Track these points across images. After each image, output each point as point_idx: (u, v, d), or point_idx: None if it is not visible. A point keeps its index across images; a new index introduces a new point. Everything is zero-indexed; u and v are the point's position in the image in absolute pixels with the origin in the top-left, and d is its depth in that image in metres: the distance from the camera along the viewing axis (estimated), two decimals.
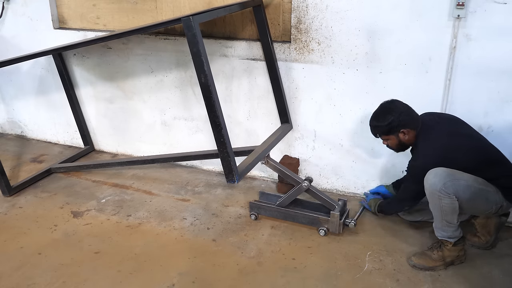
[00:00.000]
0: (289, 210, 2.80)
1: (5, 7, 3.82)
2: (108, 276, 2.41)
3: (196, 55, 2.24)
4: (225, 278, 2.38)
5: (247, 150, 2.96)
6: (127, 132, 3.80)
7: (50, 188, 3.33)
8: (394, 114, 2.43)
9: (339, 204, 2.73)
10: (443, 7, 2.57)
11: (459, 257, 2.44)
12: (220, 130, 2.34)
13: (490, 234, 2.56)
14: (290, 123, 3.12)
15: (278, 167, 2.83)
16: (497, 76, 2.59)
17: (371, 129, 2.54)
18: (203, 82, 2.27)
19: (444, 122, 2.50)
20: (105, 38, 2.84)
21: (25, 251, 2.61)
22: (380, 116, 2.48)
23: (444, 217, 2.34)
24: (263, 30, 2.95)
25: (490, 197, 2.36)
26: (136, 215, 2.96)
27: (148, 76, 3.52)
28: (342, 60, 2.90)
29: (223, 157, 2.38)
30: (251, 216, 2.89)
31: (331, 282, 2.34)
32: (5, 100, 4.21)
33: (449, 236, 2.39)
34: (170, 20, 2.49)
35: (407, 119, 2.44)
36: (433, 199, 2.33)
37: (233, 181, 2.41)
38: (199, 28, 2.22)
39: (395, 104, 2.48)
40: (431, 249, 2.45)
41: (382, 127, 2.48)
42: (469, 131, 2.47)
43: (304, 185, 2.72)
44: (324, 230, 2.70)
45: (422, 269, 2.42)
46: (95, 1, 3.55)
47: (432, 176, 2.31)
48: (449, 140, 2.39)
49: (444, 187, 2.27)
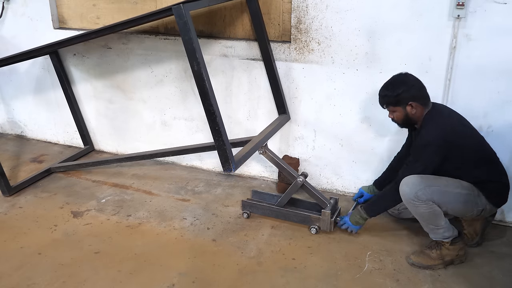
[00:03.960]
0: (281, 208, 2.82)
1: (5, 7, 3.82)
2: (108, 276, 2.40)
3: (188, 43, 2.24)
4: (225, 278, 2.38)
5: (245, 140, 2.97)
6: (127, 132, 3.80)
7: (50, 188, 3.33)
8: (405, 85, 2.38)
9: (330, 203, 2.74)
10: (443, 7, 2.58)
11: (459, 257, 2.44)
12: (214, 118, 2.33)
13: (476, 233, 2.57)
14: (287, 114, 3.12)
15: (275, 159, 2.83)
16: (497, 76, 2.59)
17: (380, 98, 2.48)
18: (196, 70, 2.28)
19: (454, 112, 2.49)
20: (99, 32, 2.79)
21: (25, 251, 2.61)
22: (390, 86, 2.42)
23: (429, 222, 2.37)
24: (256, 16, 2.94)
25: (470, 201, 2.37)
26: (136, 215, 2.96)
27: (148, 76, 3.52)
28: (342, 60, 2.90)
29: (218, 145, 2.37)
30: (243, 214, 2.90)
31: (331, 282, 2.34)
32: (5, 100, 4.21)
33: (443, 237, 2.40)
34: (162, 10, 2.43)
35: (418, 93, 2.39)
36: (411, 208, 2.36)
37: (229, 170, 2.39)
38: (190, 16, 2.23)
39: (408, 77, 2.42)
40: (429, 248, 2.46)
41: (391, 97, 2.41)
42: (474, 128, 2.48)
43: (299, 180, 2.73)
44: (316, 228, 2.71)
45: (420, 267, 2.42)
46: (95, 1, 3.55)
47: (405, 186, 2.33)
48: (458, 125, 2.39)
49: (415, 196, 2.29)
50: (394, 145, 2.90)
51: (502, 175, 2.43)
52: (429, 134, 2.35)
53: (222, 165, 2.41)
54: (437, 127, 2.35)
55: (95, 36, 2.85)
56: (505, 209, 2.79)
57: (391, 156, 2.92)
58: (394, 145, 2.90)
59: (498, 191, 2.41)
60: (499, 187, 2.42)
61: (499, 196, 2.43)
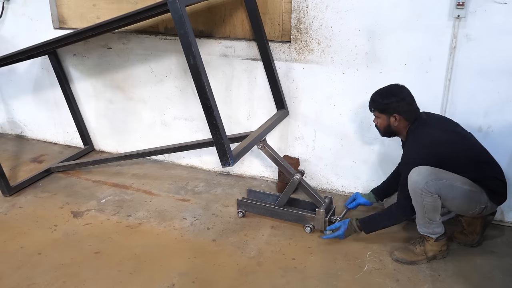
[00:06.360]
0: (276, 207, 2.82)
1: (5, 7, 3.82)
2: (108, 276, 2.40)
3: (183, 37, 2.24)
4: (225, 278, 2.38)
5: (243, 136, 2.97)
6: (127, 132, 3.80)
7: (50, 188, 3.33)
8: (396, 97, 2.44)
9: (325, 202, 2.74)
10: (443, 7, 2.58)
11: (441, 252, 2.47)
12: (211, 112, 2.32)
13: (477, 232, 2.57)
14: (286, 109, 3.12)
15: (273, 155, 2.82)
16: (497, 76, 2.59)
17: (370, 101, 2.54)
18: (192, 63, 2.27)
19: (438, 120, 2.51)
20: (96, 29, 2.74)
21: (25, 251, 2.61)
22: (384, 93, 2.49)
23: (426, 214, 2.37)
24: (254, 14, 2.94)
25: (474, 198, 2.38)
26: (136, 215, 2.96)
27: (148, 76, 3.52)
28: (342, 60, 2.90)
29: (216, 139, 2.36)
30: (239, 213, 2.91)
31: (331, 282, 2.34)
32: (5, 100, 4.21)
33: (431, 232, 2.41)
34: (157, 5, 2.41)
35: (406, 108, 2.44)
36: (415, 197, 2.35)
37: (227, 164, 2.38)
38: (185, 10, 2.23)
39: (402, 90, 2.48)
40: (413, 244, 2.49)
41: (380, 104, 2.48)
42: (462, 131, 2.48)
43: (296, 178, 2.73)
44: (310, 227, 2.71)
45: (404, 263, 2.45)
46: (95, 1, 3.55)
47: (415, 174, 2.32)
48: (441, 135, 2.39)
49: (426, 185, 2.28)
50: (394, 146, 2.90)
51: (497, 173, 2.43)
52: (410, 152, 2.45)
53: (220, 159, 2.39)
54: (418, 144, 2.40)
55: (92, 33, 2.81)
56: (505, 209, 2.79)
57: (391, 156, 2.92)
58: (394, 145, 2.90)
59: (497, 188, 2.42)
60: (497, 184, 2.42)
61: (499, 193, 2.43)
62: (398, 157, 2.84)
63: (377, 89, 2.52)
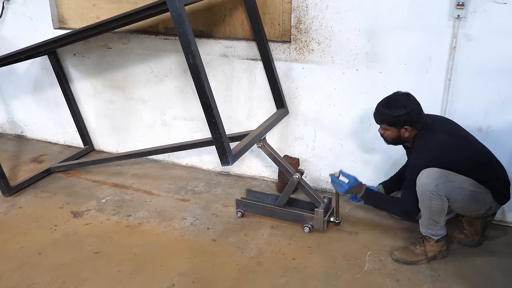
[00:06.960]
0: (274, 207, 2.82)
1: (5, 7, 3.82)
2: (108, 276, 2.40)
3: (182, 35, 2.24)
4: (225, 278, 2.38)
5: (243, 135, 2.97)
6: (127, 132, 3.80)
7: (50, 188, 3.33)
8: (407, 108, 2.35)
9: (324, 201, 2.74)
10: (443, 7, 2.58)
11: (441, 252, 2.47)
12: (211, 110, 2.32)
13: (477, 232, 2.57)
14: (286, 108, 3.11)
15: (272, 154, 2.82)
16: (497, 76, 2.59)
17: (377, 114, 2.44)
18: (191, 62, 2.27)
19: (442, 123, 2.50)
20: (94, 29, 2.74)
21: (25, 251, 2.61)
22: (392, 106, 2.38)
23: (432, 216, 2.36)
24: (253, 14, 2.94)
25: (480, 199, 2.38)
26: (136, 215, 2.96)
27: (148, 76, 3.52)
28: (342, 60, 2.90)
29: (215, 138, 2.36)
30: (238, 213, 2.91)
31: (331, 282, 2.34)
32: (5, 100, 4.21)
33: (434, 234, 2.42)
34: (156, 3, 2.41)
35: (416, 118, 2.37)
36: (423, 199, 2.34)
37: (227, 163, 2.37)
38: (184, 8, 2.23)
39: (410, 99, 2.39)
40: (413, 244, 2.49)
41: (389, 117, 2.39)
42: (465, 133, 2.48)
43: (295, 177, 2.73)
44: (309, 227, 2.71)
45: (404, 263, 2.45)
46: (95, 1, 3.55)
47: (425, 176, 2.31)
48: (448, 139, 2.39)
49: (436, 188, 2.28)
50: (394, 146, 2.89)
51: (501, 173, 2.44)
52: (417, 157, 2.41)
53: (219, 158, 2.38)
54: (425, 149, 2.38)
55: (91, 32, 2.81)
56: (506, 209, 2.79)
57: (391, 156, 2.92)
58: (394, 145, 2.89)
59: (501, 188, 2.42)
60: (502, 185, 2.42)
61: (503, 193, 2.44)
62: (398, 157, 2.85)
63: (382, 99, 2.45)
